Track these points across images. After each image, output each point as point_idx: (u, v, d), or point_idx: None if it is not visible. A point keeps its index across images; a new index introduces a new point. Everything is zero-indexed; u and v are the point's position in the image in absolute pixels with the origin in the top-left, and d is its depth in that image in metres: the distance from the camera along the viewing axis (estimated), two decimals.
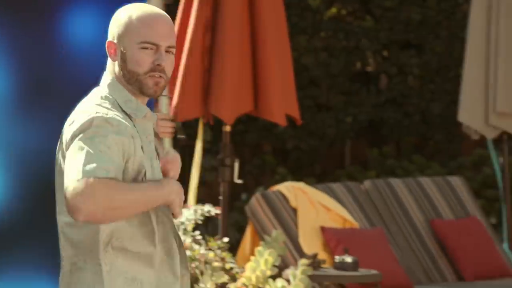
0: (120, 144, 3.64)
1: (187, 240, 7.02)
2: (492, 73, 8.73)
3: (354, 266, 7.14)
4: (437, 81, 14.53)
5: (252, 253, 7.16)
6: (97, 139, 3.61)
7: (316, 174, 14.23)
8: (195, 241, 7.05)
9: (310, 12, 14.27)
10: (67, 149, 3.68)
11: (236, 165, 7.74)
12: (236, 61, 7.38)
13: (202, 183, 12.72)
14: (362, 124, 14.58)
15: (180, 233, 7.07)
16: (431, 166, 14.03)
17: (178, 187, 3.77)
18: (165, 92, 5.73)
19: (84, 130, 3.64)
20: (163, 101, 7.27)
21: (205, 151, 12.99)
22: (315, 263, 7.19)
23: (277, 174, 13.62)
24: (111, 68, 3.82)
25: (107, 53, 3.80)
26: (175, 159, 3.97)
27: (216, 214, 7.34)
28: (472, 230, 8.31)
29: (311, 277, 6.97)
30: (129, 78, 3.75)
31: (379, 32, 14.43)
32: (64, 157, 3.71)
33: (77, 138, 3.62)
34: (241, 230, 9.39)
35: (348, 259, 7.14)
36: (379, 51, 14.79)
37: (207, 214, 7.26)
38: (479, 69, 8.78)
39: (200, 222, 7.22)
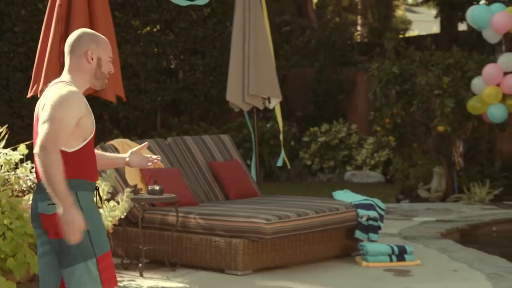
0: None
1: None
2: (246, 70, 8.80)
3: (161, 192, 7.10)
4: (214, 75, 14.64)
5: None
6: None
7: (138, 134, 14.17)
8: None
9: (132, 29, 14.14)
10: None
11: None
12: None
13: None
14: (168, 102, 14.61)
15: None
16: (211, 128, 14.11)
17: (75, 219, 3.63)
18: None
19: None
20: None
21: None
22: (135, 190, 7.13)
23: (113, 134, 13.52)
24: (75, 65, 3.93)
25: (86, 58, 3.91)
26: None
27: None
28: (235, 168, 8.38)
29: (133, 200, 6.91)
30: (99, 76, 3.95)
31: (178, 43, 14.44)
32: None
33: None
34: None
35: (157, 187, 7.10)
36: (178, 55, 14.77)
37: None
38: (238, 68, 8.84)
39: None
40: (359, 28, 22.90)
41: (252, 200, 7.92)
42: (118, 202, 6.74)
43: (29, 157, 7.29)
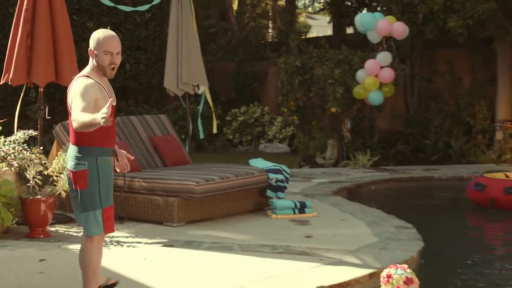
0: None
1: (18, 148, 6.67)
2: (179, 63, 8.71)
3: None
4: (155, 67, 14.47)
5: (56, 155, 6.89)
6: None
7: None
8: (24, 149, 6.71)
9: (87, 29, 13.76)
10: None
11: (47, 109, 7.38)
12: (45, 53, 7.01)
13: (30, 118, 12.17)
14: (117, 89, 14.19)
15: (15, 145, 6.72)
16: (152, 110, 13.96)
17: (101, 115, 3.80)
18: None
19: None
20: None
21: (32, 102, 12.39)
22: None
23: None
24: (90, 62, 4.22)
25: (91, 55, 4.20)
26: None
27: (35, 135, 7.01)
28: (171, 141, 8.29)
29: None
30: (99, 68, 4.18)
31: (125, 41, 14.18)
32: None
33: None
34: (51, 144, 9.03)
35: None
36: (125, 51, 14.49)
37: (31, 135, 6.93)
38: (173, 61, 8.73)
39: (27, 138, 6.88)
40: (270, 30, 22.89)
41: (185, 167, 7.87)
42: None
43: (2, 132, 7.11)
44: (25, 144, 6.79)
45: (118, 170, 4.41)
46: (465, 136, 12.48)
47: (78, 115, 3.94)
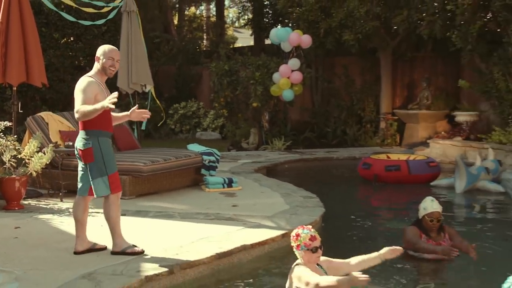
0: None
1: None
2: (130, 67, 8.62)
3: (73, 146, 6.79)
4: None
5: (28, 142, 6.70)
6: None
7: (60, 109, 13.48)
8: (1, 137, 6.49)
9: (54, 39, 13.42)
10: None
11: (19, 104, 7.16)
12: (17, 59, 6.80)
13: (6, 112, 11.74)
14: None
15: None
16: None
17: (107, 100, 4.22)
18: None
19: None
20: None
21: (7, 99, 11.95)
22: (56, 145, 6.84)
23: (42, 109, 12.81)
24: (96, 65, 4.51)
25: (96, 60, 4.53)
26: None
27: (10, 125, 6.79)
28: (124, 130, 8.15)
29: (55, 151, 6.64)
30: (102, 69, 4.50)
31: (85, 49, 13.85)
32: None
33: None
34: (23, 133, 8.75)
35: (71, 143, 6.84)
36: (85, 57, 14.10)
37: (7, 125, 6.69)
38: (124, 65, 8.61)
39: (3, 128, 6.64)
40: (204, 41, 22.76)
41: (135, 151, 7.78)
42: (44, 153, 6.45)
43: None
44: (1, 133, 6.57)
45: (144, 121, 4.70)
46: (357, 125, 12.81)
47: (81, 107, 4.30)
